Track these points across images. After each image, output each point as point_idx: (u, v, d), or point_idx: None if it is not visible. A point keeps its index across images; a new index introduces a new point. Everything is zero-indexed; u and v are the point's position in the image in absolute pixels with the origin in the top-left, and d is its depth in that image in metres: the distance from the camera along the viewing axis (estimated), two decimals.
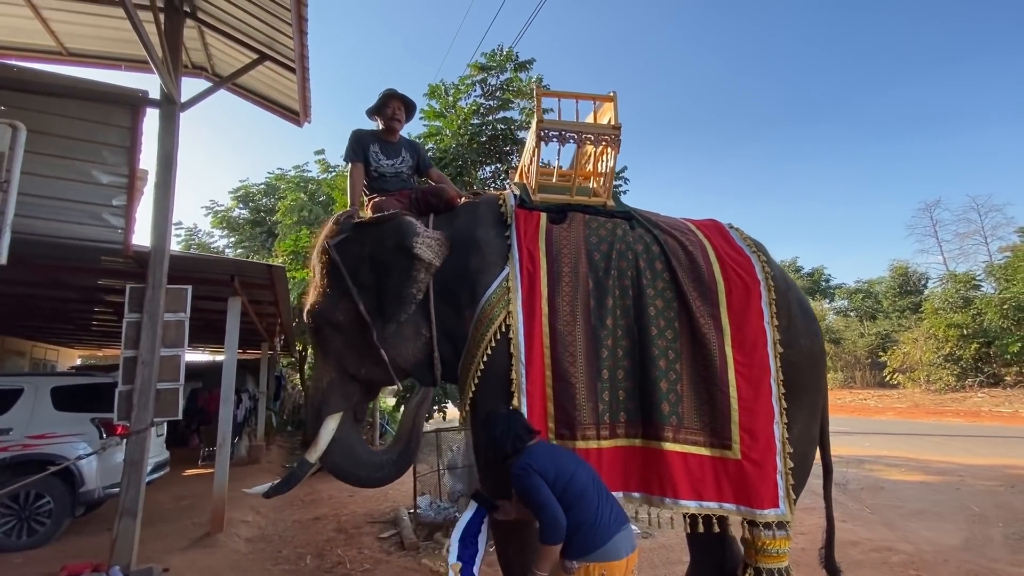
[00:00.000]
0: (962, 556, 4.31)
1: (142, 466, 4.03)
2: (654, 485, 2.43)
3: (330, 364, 2.78)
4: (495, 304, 2.55)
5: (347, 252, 2.71)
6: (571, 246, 2.71)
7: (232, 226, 12.10)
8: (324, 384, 2.76)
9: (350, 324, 2.72)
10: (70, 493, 5.03)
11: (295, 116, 5.65)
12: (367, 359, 2.73)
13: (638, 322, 2.60)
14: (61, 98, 4.29)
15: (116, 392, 4.13)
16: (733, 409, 2.50)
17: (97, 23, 5.01)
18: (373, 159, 3.09)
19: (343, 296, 2.71)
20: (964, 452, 8.85)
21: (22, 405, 5.17)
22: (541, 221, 2.80)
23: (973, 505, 5.69)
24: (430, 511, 5.02)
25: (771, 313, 2.66)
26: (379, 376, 2.81)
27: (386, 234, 2.62)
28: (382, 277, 2.64)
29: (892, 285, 31.35)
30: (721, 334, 2.60)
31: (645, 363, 2.54)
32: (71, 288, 6.48)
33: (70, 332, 11.10)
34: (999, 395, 18.05)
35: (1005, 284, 19.93)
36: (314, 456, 2.67)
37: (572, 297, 2.59)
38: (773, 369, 2.58)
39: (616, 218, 2.95)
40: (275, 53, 4.92)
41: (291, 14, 4.14)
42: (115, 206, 4.39)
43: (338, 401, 2.74)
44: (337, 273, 2.70)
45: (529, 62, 5.65)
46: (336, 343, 2.76)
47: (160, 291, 4.22)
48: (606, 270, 2.66)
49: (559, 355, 2.49)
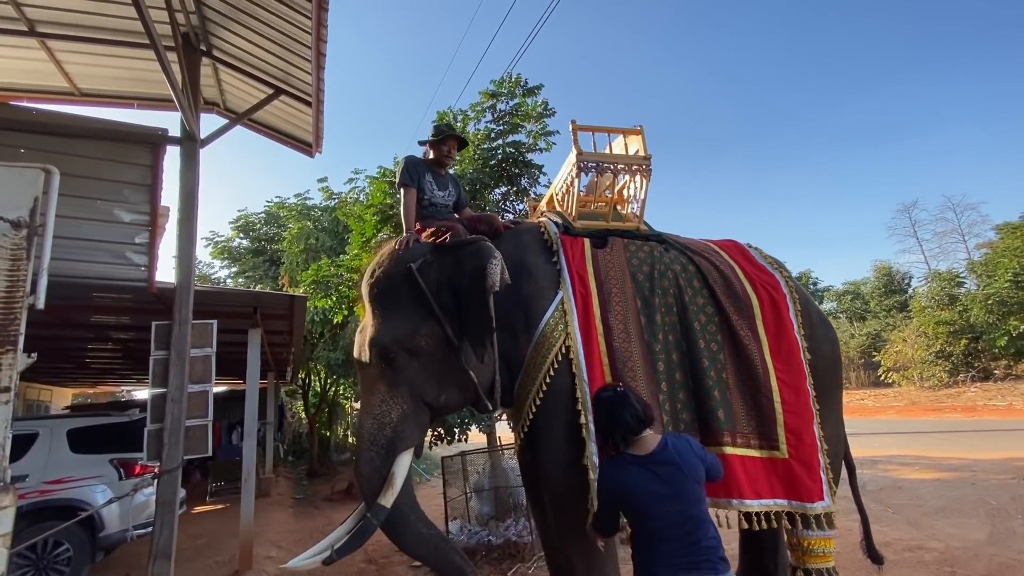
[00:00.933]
0: (990, 551, 4.39)
1: (174, 506, 3.97)
2: (720, 489, 2.53)
3: (402, 394, 2.54)
4: (554, 327, 2.65)
5: (427, 275, 2.60)
6: (616, 268, 2.89)
7: (233, 256, 12.05)
8: (395, 417, 2.50)
9: (432, 349, 2.58)
10: (90, 539, 4.89)
11: (307, 148, 5.72)
12: (448, 385, 2.62)
13: (686, 336, 2.82)
14: (80, 139, 4.32)
15: (145, 431, 4.06)
16: (778, 412, 2.72)
17: (110, 63, 5.05)
18: (428, 188, 3.08)
19: (425, 320, 2.58)
20: (971, 447, 9.01)
21: (38, 449, 5.05)
22: (586, 246, 2.95)
23: (990, 499, 5.80)
24: (462, 535, 4.99)
25: (798, 323, 2.95)
26: (456, 402, 2.73)
27: (467, 257, 2.58)
28: (465, 300, 2.56)
29: (877, 285, 32.02)
30: (760, 345, 2.85)
31: (697, 374, 2.74)
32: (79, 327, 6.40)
33: (67, 371, 10.87)
34: (991, 389, 18.44)
35: (987, 280, 20.51)
36: (390, 499, 2.36)
37: (624, 316, 2.74)
38: (808, 374, 2.84)
39: (651, 241, 3.16)
40: (290, 87, 5.00)
41: (311, 51, 4.23)
42: (138, 244, 4.39)
43: (414, 433, 2.58)
44: (419, 296, 2.57)
45: (537, 87, 5.81)
46: (412, 371, 2.57)
47: (187, 327, 4.20)
48: (651, 289, 2.85)
49: (619, 372, 2.60)
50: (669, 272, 2.94)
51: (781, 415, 2.71)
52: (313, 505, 8.86)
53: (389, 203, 5.38)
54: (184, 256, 4.33)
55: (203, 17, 4.51)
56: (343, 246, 9.40)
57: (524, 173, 6.09)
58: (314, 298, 5.97)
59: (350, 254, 5.86)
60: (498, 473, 5.49)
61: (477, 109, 5.76)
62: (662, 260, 2.99)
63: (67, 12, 4.38)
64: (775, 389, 2.75)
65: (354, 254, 5.71)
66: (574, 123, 3.10)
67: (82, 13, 4.39)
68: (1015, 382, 18.43)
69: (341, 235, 9.78)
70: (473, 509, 5.49)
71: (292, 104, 5.21)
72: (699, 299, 2.90)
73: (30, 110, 4.49)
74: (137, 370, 10.93)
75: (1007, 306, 18.87)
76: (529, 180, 6.14)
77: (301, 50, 4.43)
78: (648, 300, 2.81)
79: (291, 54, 4.56)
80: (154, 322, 4.23)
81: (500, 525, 4.99)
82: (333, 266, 6.01)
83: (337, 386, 12.94)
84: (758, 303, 2.93)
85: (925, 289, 25.19)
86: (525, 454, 2.96)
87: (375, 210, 5.39)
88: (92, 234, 4.20)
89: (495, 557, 4.69)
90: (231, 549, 5.85)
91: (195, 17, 4.47)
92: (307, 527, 7.09)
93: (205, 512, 8.52)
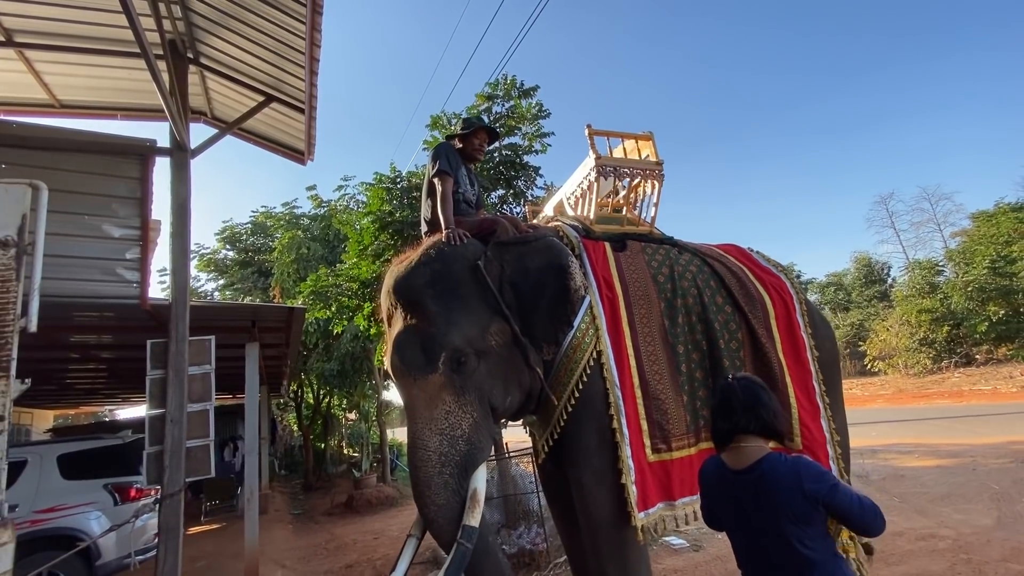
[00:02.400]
0: (1000, 535, 4.43)
1: (179, 531, 3.82)
2: None
3: (471, 401, 2.29)
4: (584, 332, 2.61)
5: (491, 272, 2.45)
6: (638, 271, 2.90)
7: (220, 269, 11.77)
8: (467, 428, 2.23)
9: (501, 349, 2.41)
10: (86, 569, 4.70)
11: (299, 155, 5.58)
12: (513, 386, 2.45)
13: (707, 336, 2.86)
14: (65, 152, 4.15)
15: (144, 454, 3.91)
16: (793, 407, 2.83)
17: (91, 73, 4.87)
18: (463, 181, 2.89)
19: (492, 318, 2.41)
20: (966, 432, 9.16)
21: (27, 478, 4.84)
22: (607, 250, 2.94)
23: (992, 484, 5.88)
24: None
25: (805, 323, 3.09)
26: (519, 404, 2.54)
27: (534, 253, 2.49)
28: (534, 297, 2.44)
29: (858, 276, 32.62)
30: (774, 343, 2.96)
31: (717, 372, 2.78)
32: (65, 347, 6.17)
33: (49, 393, 10.51)
34: (974, 374, 18.85)
35: (965, 268, 21.00)
36: (478, 518, 2.13)
37: (648, 318, 2.77)
38: (813, 371, 2.99)
39: (665, 244, 3.20)
40: (281, 94, 4.87)
41: (303, 56, 4.13)
42: (129, 259, 4.25)
43: (488, 443, 2.39)
44: (485, 294, 2.41)
45: (533, 89, 5.75)
46: (481, 374, 2.34)
47: (183, 344, 4.06)
48: (672, 291, 2.89)
49: (646, 374, 2.63)
50: (687, 273, 2.99)
51: (796, 409, 2.82)
52: (312, 520, 8.67)
53: (388, 210, 5.27)
54: (179, 271, 4.18)
55: (190, 23, 4.37)
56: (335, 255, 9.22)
57: (521, 175, 6.03)
58: (313, 309, 5.84)
59: (348, 263, 5.73)
60: (507, 481, 5.41)
61: (473, 112, 5.68)
62: (679, 262, 3.05)
63: (46, 21, 4.21)
64: (790, 386, 2.86)
65: (352, 263, 5.59)
66: (590, 127, 3.14)
67: (62, 22, 4.23)
68: (996, 366, 18.86)
69: (333, 244, 9.62)
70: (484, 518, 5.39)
71: (283, 111, 5.08)
72: (718, 298, 2.97)
73: (10, 123, 4.31)
74: (123, 389, 10.62)
75: (986, 292, 19.34)
76: (526, 182, 6.07)
77: (293, 56, 4.31)
78: (671, 302, 2.85)
79: (283, 60, 4.43)
80: (149, 340, 4.07)
81: (512, 533, 4.90)
82: (332, 275, 5.87)
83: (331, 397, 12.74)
84: (771, 303, 3.05)
85: (905, 278, 25.74)
86: (547, 463, 2.88)
87: (373, 217, 5.28)
88: (81, 251, 4.04)
89: (510, 566, 4.61)
90: (233, 570, 5.67)
91: (182, 24, 4.32)
92: (310, 544, 6.92)
93: (201, 533, 8.28)
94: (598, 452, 2.51)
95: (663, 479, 2.56)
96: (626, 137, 3.38)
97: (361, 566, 5.51)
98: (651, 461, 2.55)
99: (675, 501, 2.55)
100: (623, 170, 3.13)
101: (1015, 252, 19.17)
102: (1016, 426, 9.28)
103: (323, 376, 9.21)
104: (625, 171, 3.14)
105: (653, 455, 2.55)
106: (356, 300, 5.63)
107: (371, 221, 5.37)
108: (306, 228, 9.47)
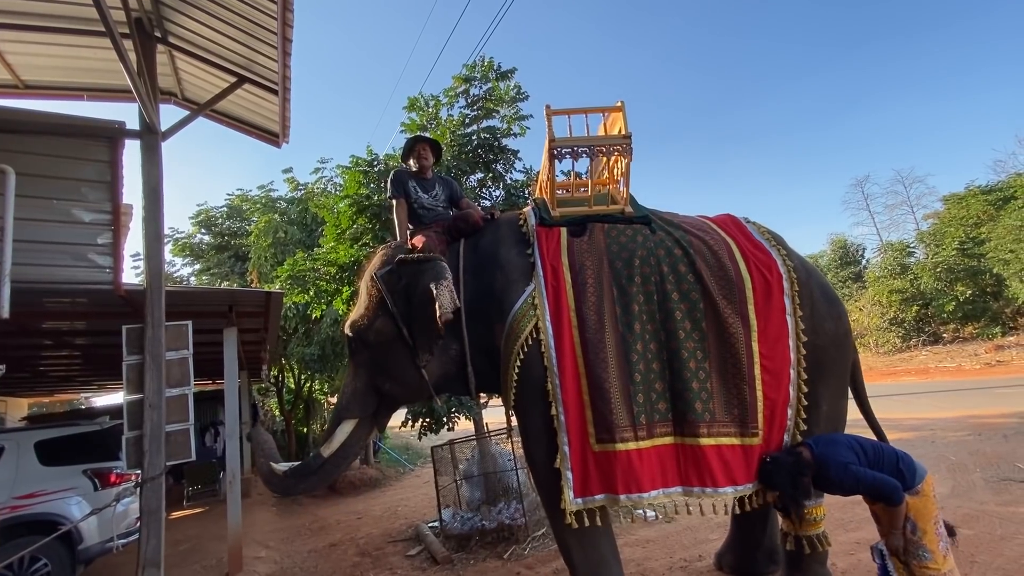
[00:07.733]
0: (954, 503, 4.69)
1: (160, 514, 3.87)
2: (693, 478, 2.62)
3: (359, 376, 3.06)
4: (520, 319, 2.72)
5: (390, 283, 2.98)
6: (593, 257, 2.84)
7: (196, 253, 11.55)
8: (349, 392, 3.08)
9: (383, 344, 2.98)
10: (69, 553, 4.72)
11: (274, 138, 5.50)
12: (392, 377, 3.01)
13: (665, 325, 2.75)
14: (31, 135, 4.05)
15: (123, 439, 3.93)
16: (759, 400, 2.70)
17: (56, 52, 4.72)
18: (413, 194, 3.41)
19: (383, 320, 2.97)
20: (928, 407, 9.56)
21: (5, 464, 4.81)
22: (562, 236, 2.96)
23: (950, 455, 6.19)
24: (455, 522, 5.02)
25: (794, 305, 2.83)
26: (401, 393, 3.10)
27: (422, 273, 2.83)
28: (415, 311, 2.87)
29: (834, 258, 33.30)
30: (748, 330, 2.77)
31: (675, 364, 2.70)
32: (38, 334, 6.07)
33: (23, 380, 10.32)
34: (940, 352, 19.54)
35: (935, 249, 21.62)
36: (328, 451, 2.96)
37: (598, 306, 2.71)
38: (793, 359, 2.78)
39: (636, 224, 3.06)
40: (254, 75, 4.79)
41: (276, 37, 4.07)
42: (101, 244, 4.19)
43: (357, 408, 3.04)
44: (381, 300, 2.97)
45: (511, 71, 5.74)
46: (366, 358, 3.05)
47: (160, 329, 4.05)
48: (629, 277, 2.79)
49: (591, 363, 2.63)
50: (651, 258, 2.84)
51: (761, 403, 2.69)
52: (296, 502, 8.72)
53: (364, 193, 5.25)
54: (153, 256, 4.14)
55: (157, 1, 4.25)
56: (313, 238, 9.14)
57: (499, 159, 6.04)
58: (291, 294, 5.82)
59: (325, 247, 5.71)
60: (487, 459, 5.53)
61: (450, 94, 5.65)
62: (645, 245, 2.89)
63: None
64: (758, 377, 2.71)
65: (330, 247, 5.57)
66: (548, 107, 3.00)
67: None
68: (962, 344, 19.58)
69: (310, 227, 9.51)
70: (464, 496, 5.53)
71: (256, 92, 5.00)
72: (683, 284, 2.79)
73: None
74: (99, 376, 10.46)
75: (954, 273, 19.97)
76: (504, 165, 6.09)
77: (265, 36, 4.24)
78: (625, 289, 2.77)
79: (254, 40, 4.36)
80: (124, 326, 4.05)
81: (492, 509, 5.04)
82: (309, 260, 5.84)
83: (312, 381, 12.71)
84: (751, 285, 2.81)
85: (878, 260, 26.37)
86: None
87: (350, 201, 5.25)
88: (51, 236, 3.98)
89: (489, 541, 4.75)
90: (217, 552, 5.74)
91: (148, 1, 4.21)
92: (293, 525, 7.00)
93: (184, 517, 8.29)
94: (541, 437, 2.67)
95: (607, 470, 2.54)
96: (591, 112, 3.19)
97: (344, 545, 5.61)
98: (596, 451, 2.57)
99: (618, 495, 2.51)
100: (581, 150, 2.99)
101: (984, 233, 19.72)
102: (976, 401, 9.70)
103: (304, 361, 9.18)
104: (583, 150, 3.00)
105: (598, 445, 2.57)
106: (334, 284, 5.63)
107: (348, 205, 5.35)
108: (283, 212, 9.34)
